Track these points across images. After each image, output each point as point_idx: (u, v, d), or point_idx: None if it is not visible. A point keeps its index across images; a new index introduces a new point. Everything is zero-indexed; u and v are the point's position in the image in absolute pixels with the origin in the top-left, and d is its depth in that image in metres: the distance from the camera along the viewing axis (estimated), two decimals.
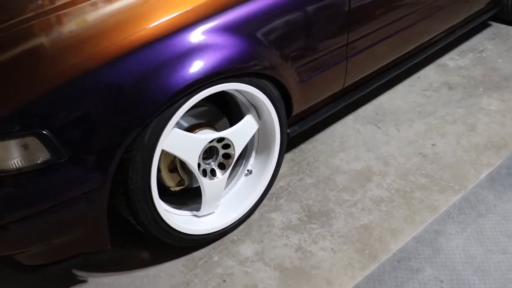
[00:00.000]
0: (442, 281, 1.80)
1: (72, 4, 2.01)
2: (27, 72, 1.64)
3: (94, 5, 1.99)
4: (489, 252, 1.89)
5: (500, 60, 3.18)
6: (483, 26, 3.57)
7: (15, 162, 1.49)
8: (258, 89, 1.86)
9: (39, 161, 1.50)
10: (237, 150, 1.93)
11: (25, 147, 1.48)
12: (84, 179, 1.55)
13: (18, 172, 1.50)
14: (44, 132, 1.47)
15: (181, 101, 1.65)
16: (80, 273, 1.93)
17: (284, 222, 2.09)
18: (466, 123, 2.62)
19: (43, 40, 1.88)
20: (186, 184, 1.93)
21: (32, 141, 1.48)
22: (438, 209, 2.10)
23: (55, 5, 2.09)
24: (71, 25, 1.95)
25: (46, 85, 1.54)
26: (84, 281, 1.91)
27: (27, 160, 1.49)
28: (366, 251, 1.94)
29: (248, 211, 2.06)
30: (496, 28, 3.58)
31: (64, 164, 1.52)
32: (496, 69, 3.08)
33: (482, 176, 2.26)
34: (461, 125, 2.61)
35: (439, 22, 2.81)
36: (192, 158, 1.79)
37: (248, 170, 2.10)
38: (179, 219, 1.90)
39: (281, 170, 2.28)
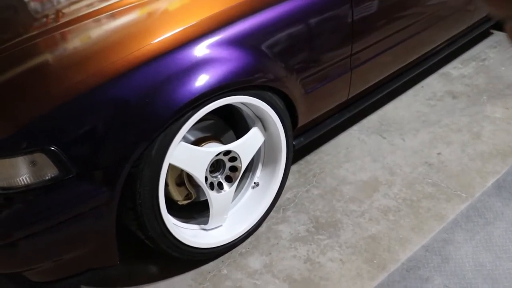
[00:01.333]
0: None
1: (76, 21, 2.03)
2: (33, 89, 1.65)
3: (97, 21, 2.01)
4: (498, 260, 1.89)
5: (503, 68, 3.19)
6: (485, 34, 3.59)
7: (23, 178, 1.50)
8: (264, 101, 1.87)
9: (47, 177, 1.51)
10: (244, 163, 1.93)
11: (33, 163, 1.49)
12: (92, 195, 1.56)
13: (27, 189, 1.51)
14: (52, 148, 1.48)
15: (187, 115, 1.66)
16: None
17: (292, 234, 2.09)
18: (471, 131, 2.62)
19: (48, 57, 1.90)
20: (193, 197, 1.94)
21: (40, 157, 1.49)
22: (445, 218, 2.09)
23: (59, 23, 2.11)
24: (75, 42, 1.96)
25: (53, 102, 1.55)
26: None
27: (35, 177, 1.50)
28: (375, 261, 1.93)
29: (256, 223, 2.06)
30: (498, 36, 3.59)
31: (72, 180, 1.53)
32: (499, 77, 3.09)
33: (489, 183, 2.26)
34: (466, 133, 2.61)
35: (442, 31, 2.82)
36: (199, 172, 1.80)
37: (255, 183, 2.10)
38: (187, 233, 1.90)
39: (288, 182, 2.28)
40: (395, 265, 1.91)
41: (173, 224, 1.81)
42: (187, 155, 1.75)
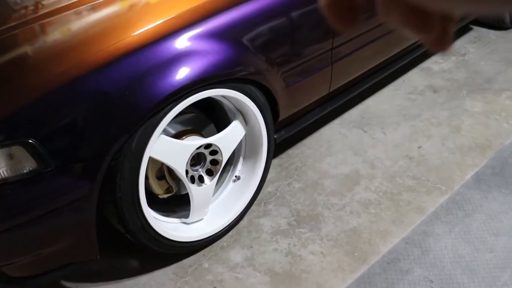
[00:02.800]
0: (432, 281, 1.81)
1: (56, 13, 2.01)
2: (12, 81, 1.63)
3: (78, 13, 1.99)
4: (477, 251, 1.91)
5: (482, 63, 3.22)
6: (465, 30, 3.62)
7: (1, 172, 1.48)
8: (244, 94, 1.87)
9: (25, 171, 1.49)
10: (225, 156, 1.93)
11: (10, 156, 1.47)
12: (71, 188, 1.55)
13: (4, 182, 1.49)
14: (30, 141, 1.47)
15: (168, 107, 1.65)
16: (69, 284, 1.92)
17: (273, 227, 2.09)
18: (451, 125, 2.64)
19: (27, 49, 1.87)
20: (174, 191, 1.93)
21: (17, 150, 1.47)
22: (425, 210, 2.11)
23: (38, 14, 2.09)
24: (55, 34, 1.94)
25: (31, 94, 1.53)
26: None
27: (13, 170, 1.48)
28: (356, 254, 1.94)
29: (237, 217, 2.06)
30: (478, 32, 3.63)
31: (51, 173, 1.51)
32: (478, 72, 3.12)
33: (468, 176, 2.28)
34: (446, 127, 2.63)
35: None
36: (179, 165, 1.79)
37: (236, 176, 2.10)
38: (168, 227, 1.89)
39: (269, 176, 2.29)
40: (375, 258, 1.92)
41: (153, 217, 1.80)
42: (167, 148, 1.74)
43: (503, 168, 2.31)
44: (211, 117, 2.02)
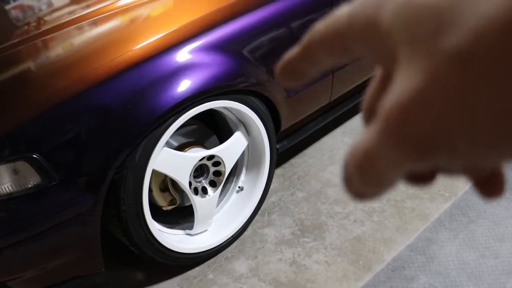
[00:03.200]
0: None
1: (58, 29, 2.03)
2: (15, 97, 1.65)
3: (79, 28, 2.01)
4: (481, 257, 1.91)
5: None
6: None
7: (6, 187, 1.49)
8: (246, 105, 1.88)
9: (29, 185, 1.50)
10: (228, 167, 1.94)
11: (15, 171, 1.49)
12: (76, 202, 1.55)
13: (9, 197, 1.50)
14: (34, 156, 1.48)
15: (170, 120, 1.67)
16: None
17: (277, 237, 2.09)
18: None
19: (30, 64, 1.89)
20: (178, 203, 1.94)
21: (22, 165, 1.48)
22: (429, 217, 2.11)
23: (41, 30, 2.11)
24: (58, 49, 1.96)
25: (35, 109, 1.54)
26: None
27: (17, 185, 1.49)
28: (360, 262, 1.94)
29: (241, 227, 2.07)
30: None
31: (55, 187, 1.52)
32: None
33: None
34: None
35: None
36: (183, 177, 1.80)
37: (239, 187, 2.11)
38: (173, 238, 1.90)
39: (272, 186, 2.29)
40: (380, 266, 1.92)
41: (158, 230, 1.81)
42: (170, 160, 1.75)
43: (507, 173, 2.31)
44: (213, 129, 2.03)
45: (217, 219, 2.05)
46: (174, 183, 1.87)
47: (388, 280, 1.86)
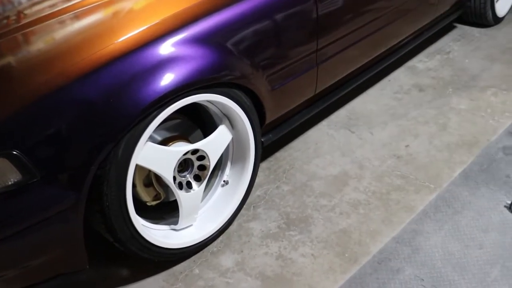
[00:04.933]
0: (423, 280, 1.81)
1: (38, 22, 2.00)
2: None
3: (60, 22, 1.97)
4: (466, 248, 1.91)
5: (467, 61, 3.24)
6: (449, 28, 3.64)
7: None
8: (230, 99, 1.86)
9: (10, 183, 1.47)
10: (212, 161, 1.92)
11: None
12: (58, 198, 1.53)
13: None
14: (14, 152, 1.45)
15: (153, 114, 1.64)
16: None
17: (263, 231, 2.08)
18: (438, 123, 2.65)
19: (10, 59, 1.86)
20: (162, 198, 1.92)
21: (2, 162, 1.45)
22: (415, 209, 2.12)
23: (21, 24, 2.07)
24: (38, 43, 1.93)
25: (15, 104, 1.52)
26: None
27: None
28: (346, 255, 1.94)
29: (227, 222, 2.05)
30: (461, 29, 3.66)
31: (36, 184, 1.49)
32: (463, 69, 3.14)
33: (456, 174, 2.29)
34: (433, 125, 2.64)
35: (407, 25, 2.86)
36: (167, 172, 1.78)
37: (224, 181, 2.09)
38: (158, 234, 1.88)
39: (258, 179, 2.28)
40: (366, 258, 1.92)
41: (142, 225, 1.79)
42: (154, 155, 1.73)
43: (490, 164, 2.32)
44: (198, 123, 2.01)
45: (202, 213, 2.03)
46: (158, 178, 1.85)
47: (374, 272, 1.86)
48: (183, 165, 1.89)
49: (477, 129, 2.57)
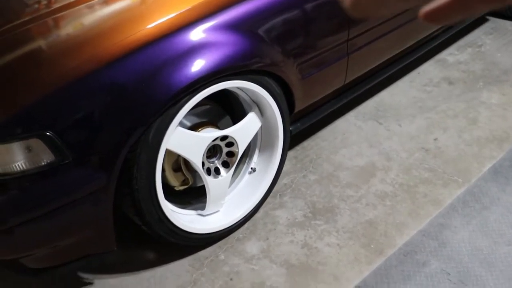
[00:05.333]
0: (449, 274, 1.79)
1: (69, 7, 2.01)
2: (27, 75, 1.63)
3: (91, 7, 1.99)
4: (494, 244, 1.89)
5: (499, 55, 3.18)
6: (481, 21, 3.58)
7: (19, 164, 1.48)
8: (261, 86, 1.86)
9: (43, 163, 1.49)
10: (241, 148, 1.92)
11: (28, 149, 1.48)
12: (89, 180, 1.55)
13: (22, 175, 1.49)
14: (48, 133, 1.47)
15: (184, 99, 1.65)
16: (86, 275, 1.93)
17: (289, 219, 2.09)
18: (467, 117, 2.62)
19: (42, 43, 1.88)
20: (190, 183, 1.93)
21: (35, 143, 1.48)
22: (442, 203, 2.10)
23: (51, 8, 2.09)
24: (69, 28, 1.94)
25: (48, 87, 1.53)
26: (90, 283, 1.90)
27: (31, 163, 1.49)
28: (372, 246, 1.94)
29: (253, 209, 2.06)
30: (494, 23, 3.59)
31: (68, 165, 1.52)
32: (495, 63, 3.09)
33: (485, 169, 2.26)
34: (463, 119, 2.61)
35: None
36: (196, 157, 1.79)
37: (252, 168, 2.10)
38: (185, 218, 1.90)
39: (284, 168, 2.28)
40: (392, 250, 1.92)
41: (170, 209, 1.80)
42: (184, 140, 1.74)
43: None
44: (227, 109, 2.01)
45: (229, 200, 2.04)
46: (187, 163, 1.86)
47: (399, 265, 1.85)
48: (212, 151, 1.90)
49: (508, 124, 2.53)
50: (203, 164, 1.83)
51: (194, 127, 1.85)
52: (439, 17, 0.37)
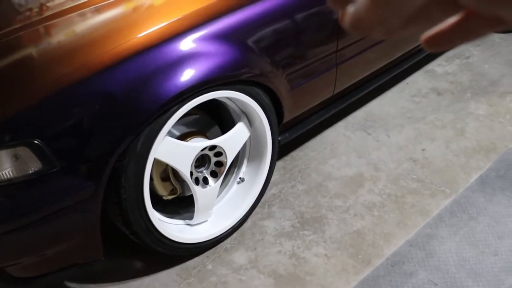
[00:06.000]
0: (436, 284, 1.80)
1: (61, 15, 2.02)
2: (17, 82, 1.63)
3: (82, 15, 1.99)
4: (481, 254, 1.90)
5: (486, 66, 3.22)
6: None
7: (6, 172, 1.48)
8: (249, 96, 1.87)
9: (30, 171, 1.49)
10: (229, 158, 1.93)
11: (16, 157, 1.48)
12: (76, 189, 1.55)
13: (10, 183, 1.49)
14: (36, 141, 1.47)
15: (173, 109, 1.66)
16: (73, 284, 1.92)
17: (277, 229, 2.09)
18: (455, 127, 2.64)
19: (33, 50, 1.88)
20: (178, 192, 1.93)
21: (23, 151, 1.47)
22: (430, 213, 2.11)
23: (43, 16, 2.09)
24: (60, 36, 1.95)
25: (37, 95, 1.53)
26: None
27: (18, 171, 1.49)
28: (360, 256, 1.94)
29: (241, 219, 2.06)
30: None
31: (56, 174, 1.51)
32: (482, 74, 3.12)
33: (472, 179, 2.28)
34: (450, 129, 2.63)
35: (427, 28, 2.84)
36: (184, 167, 1.79)
37: (240, 178, 2.10)
38: (173, 228, 1.89)
39: (273, 178, 2.29)
40: (379, 260, 1.92)
41: (158, 219, 1.80)
42: (172, 149, 1.74)
43: (507, 171, 2.31)
44: (216, 119, 2.02)
45: (217, 209, 2.04)
46: (175, 172, 1.86)
47: (387, 275, 1.86)
48: (200, 160, 1.90)
49: (495, 135, 2.56)
50: (191, 173, 1.83)
51: (183, 137, 1.85)
52: (441, 42, 0.36)
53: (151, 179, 1.81)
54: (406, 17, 0.34)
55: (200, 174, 1.90)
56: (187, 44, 1.69)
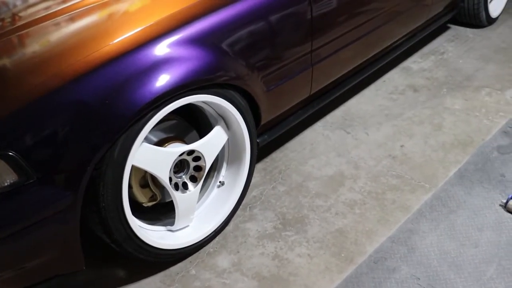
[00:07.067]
0: (419, 279, 1.82)
1: (34, 24, 2.00)
2: None
3: (56, 24, 1.98)
4: (462, 247, 1.92)
5: (460, 61, 3.26)
6: (443, 28, 3.66)
7: None
8: (226, 99, 1.86)
9: (6, 184, 1.47)
10: (208, 162, 1.92)
11: None
12: (54, 199, 1.53)
13: None
14: (10, 153, 1.45)
15: (149, 115, 1.65)
16: None
17: (259, 231, 2.09)
18: (433, 123, 2.67)
19: (5, 61, 1.86)
20: (158, 199, 1.92)
21: None
22: (410, 209, 2.13)
23: (16, 25, 2.07)
24: (33, 45, 1.93)
25: (10, 106, 1.52)
26: None
27: None
28: (343, 255, 1.95)
29: (223, 222, 2.05)
30: (455, 30, 3.67)
31: (33, 185, 1.50)
32: (457, 70, 3.16)
33: (451, 173, 2.30)
34: (428, 125, 2.65)
35: (400, 26, 2.87)
36: (163, 173, 1.78)
37: (220, 182, 2.09)
38: (154, 235, 1.88)
39: (253, 180, 2.29)
40: (362, 257, 1.93)
41: (138, 226, 1.79)
42: (150, 156, 1.73)
43: (485, 163, 2.34)
44: (193, 124, 2.01)
45: (198, 214, 2.03)
46: (154, 179, 1.85)
47: (370, 272, 1.87)
48: (179, 166, 1.89)
49: (471, 129, 2.59)
50: (170, 179, 1.82)
51: (160, 143, 1.84)
52: None
53: (130, 186, 1.79)
54: None
55: (179, 179, 1.89)
56: (161, 49, 1.68)
